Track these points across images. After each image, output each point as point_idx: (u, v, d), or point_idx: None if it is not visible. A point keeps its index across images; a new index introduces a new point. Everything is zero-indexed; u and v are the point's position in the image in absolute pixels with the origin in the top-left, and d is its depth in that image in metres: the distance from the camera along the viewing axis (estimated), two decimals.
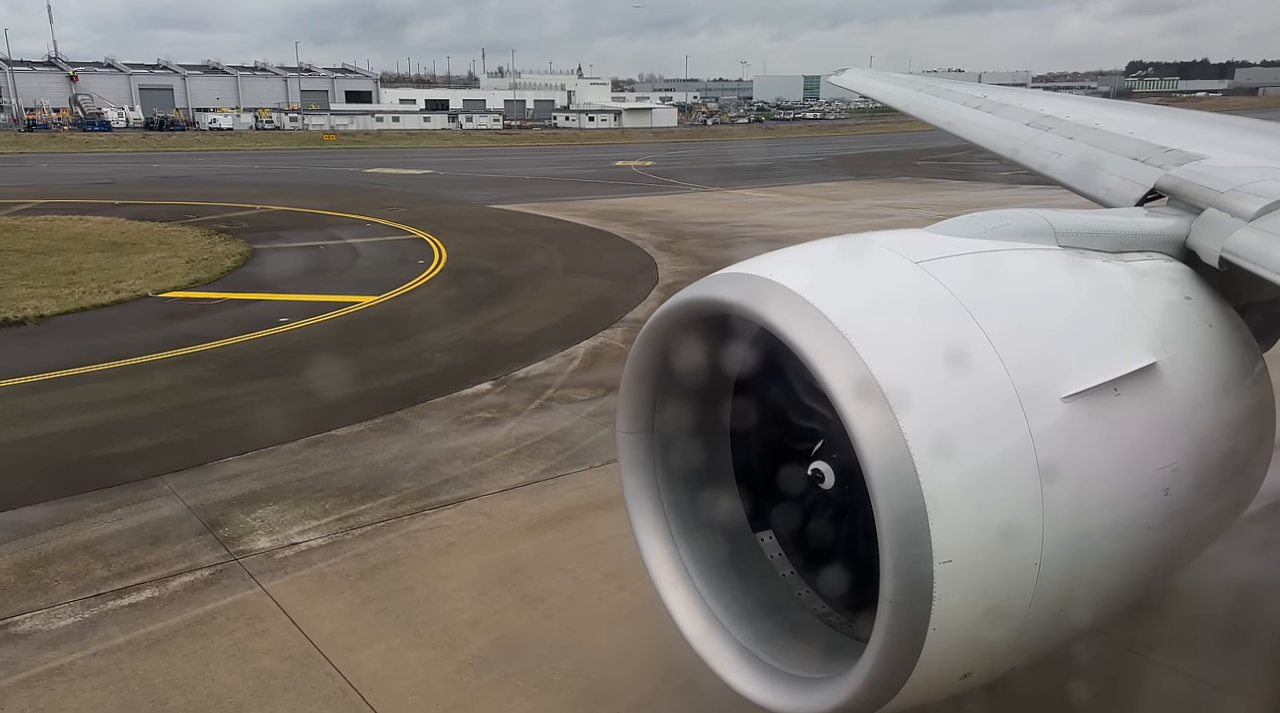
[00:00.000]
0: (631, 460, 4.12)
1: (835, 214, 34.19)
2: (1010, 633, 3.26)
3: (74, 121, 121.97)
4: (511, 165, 66.51)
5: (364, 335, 16.68)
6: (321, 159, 75.66)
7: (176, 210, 35.67)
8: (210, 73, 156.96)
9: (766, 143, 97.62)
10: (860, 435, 2.95)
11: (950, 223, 3.84)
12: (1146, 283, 3.85)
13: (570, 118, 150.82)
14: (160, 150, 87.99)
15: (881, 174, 53.32)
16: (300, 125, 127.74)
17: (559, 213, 35.12)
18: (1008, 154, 7.01)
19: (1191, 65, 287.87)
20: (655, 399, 4.01)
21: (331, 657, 6.72)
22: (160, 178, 55.21)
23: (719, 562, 4.13)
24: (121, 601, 7.55)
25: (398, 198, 41.79)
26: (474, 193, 44.68)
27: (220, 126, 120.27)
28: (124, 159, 75.01)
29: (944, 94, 9.07)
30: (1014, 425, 3.08)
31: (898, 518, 2.95)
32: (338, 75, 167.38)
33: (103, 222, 32.32)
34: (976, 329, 3.18)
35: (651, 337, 3.81)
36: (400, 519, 9.00)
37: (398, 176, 56.18)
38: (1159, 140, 5.43)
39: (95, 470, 10.29)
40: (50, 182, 52.08)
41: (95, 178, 54.17)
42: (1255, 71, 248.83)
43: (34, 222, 32.26)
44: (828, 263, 3.64)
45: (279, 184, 50.00)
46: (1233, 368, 3.85)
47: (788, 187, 46.03)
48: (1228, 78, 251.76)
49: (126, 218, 33.24)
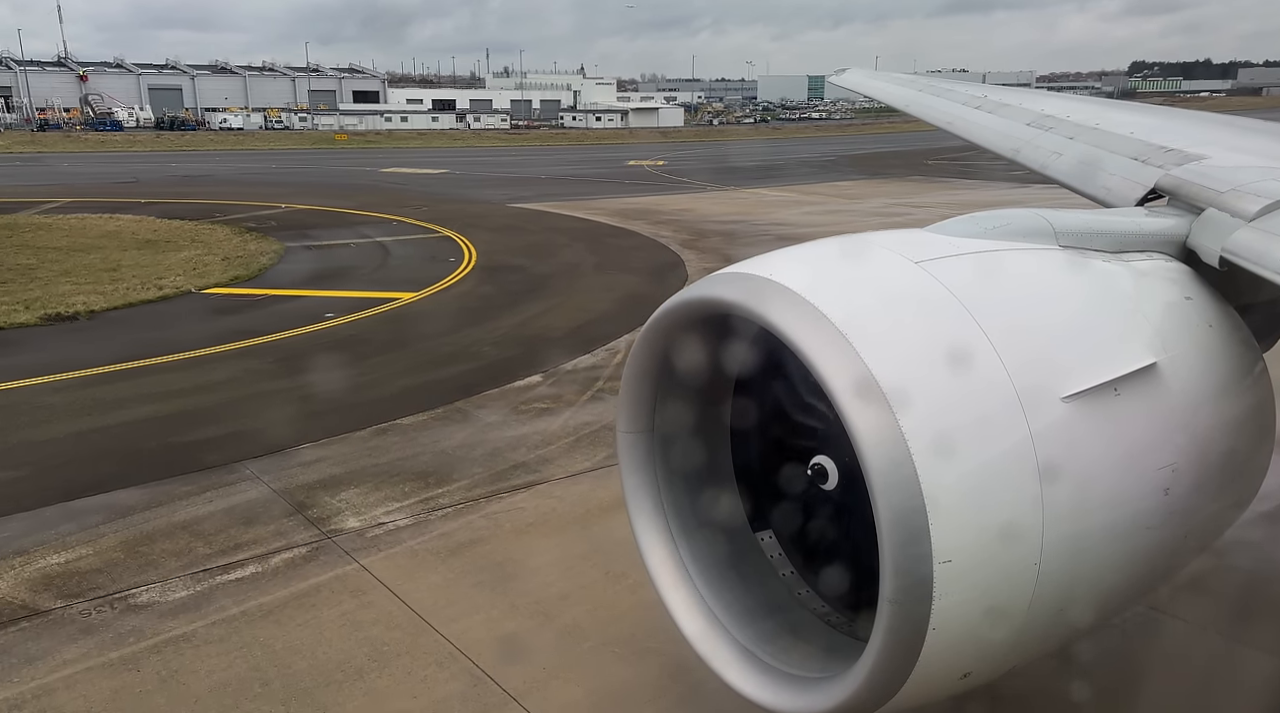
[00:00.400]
0: (632, 460, 4.12)
1: (852, 213, 34.52)
2: (1010, 633, 3.27)
3: (86, 121, 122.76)
4: (525, 165, 66.80)
5: (411, 330, 17.16)
6: (337, 159, 76.01)
7: (204, 209, 36.13)
8: (218, 73, 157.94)
9: (774, 143, 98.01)
10: (860, 435, 2.96)
11: (950, 223, 3.84)
12: (1147, 283, 3.86)
13: (577, 117, 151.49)
14: (176, 150, 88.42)
15: (894, 174, 53.67)
16: (310, 125, 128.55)
17: (580, 211, 35.53)
18: (1008, 154, 7.01)
19: (1194, 65, 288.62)
20: (655, 399, 4.01)
21: (437, 626, 7.15)
22: (181, 177, 55.62)
23: (719, 562, 4.13)
24: (228, 575, 7.99)
25: (419, 197, 42.18)
26: (493, 192, 45.08)
27: (231, 126, 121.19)
28: (142, 158, 75.44)
29: (944, 94, 9.05)
30: (1014, 425, 3.09)
31: (898, 518, 2.95)
32: (345, 75, 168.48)
33: (133, 220, 32.82)
34: (977, 329, 3.18)
35: (652, 336, 3.80)
36: (478, 502, 9.44)
37: (415, 176, 56.55)
38: (1159, 140, 5.43)
39: (176, 457, 10.76)
40: (73, 181, 52.42)
41: (118, 177, 54.61)
42: (1258, 72, 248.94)
43: (66, 220, 32.80)
44: (828, 263, 3.64)
45: (299, 183, 50.47)
46: (1233, 368, 3.85)
47: (802, 185, 46.46)
48: (1230, 78, 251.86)
49: (156, 216, 33.66)
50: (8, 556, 8.37)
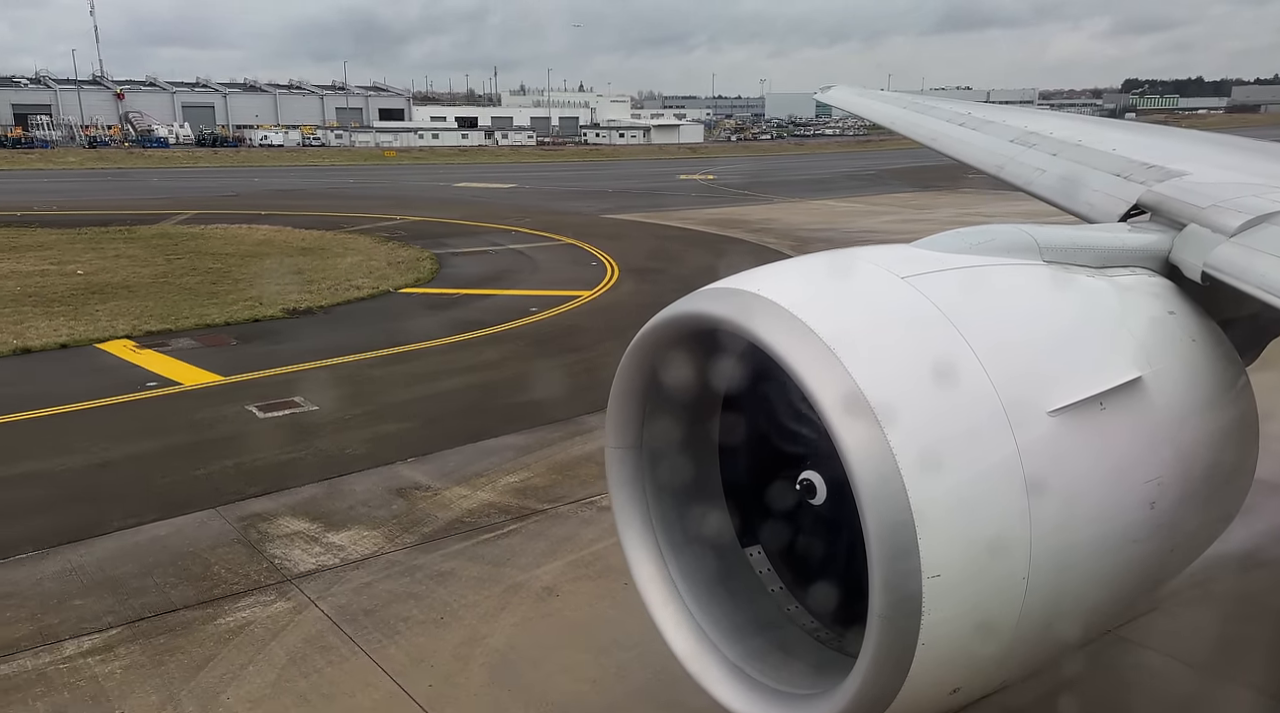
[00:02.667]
0: (620, 476, 4.12)
1: (929, 221, 35.83)
2: (999, 648, 3.28)
3: (131, 138, 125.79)
4: (582, 179, 68.39)
5: (617, 320, 18.28)
6: (401, 174, 77.60)
7: (327, 220, 37.65)
8: (249, 90, 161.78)
9: (803, 158, 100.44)
10: (849, 450, 2.97)
11: (936, 238, 3.88)
12: (1130, 298, 3.88)
13: (600, 134, 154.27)
14: (237, 165, 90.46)
15: (943, 186, 55.53)
16: (346, 142, 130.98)
17: (672, 221, 37.20)
18: (992, 171, 7.07)
19: (1187, 83, 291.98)
20: (644, 414, 4.01)
21: None
22: (275, 191, 57.05)
23: (708, 578, 4.13)
24: None
25: (510, 209, 43.84)
26: (575, 204, 46.86)
27: (271, 143, 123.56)
28: (215, 174, 77.01)
29: (929, 111, 9.10)
30: (1001, 440, 3.10)
31: (886, 533, 2.96)
32: (371, 93, 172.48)
33: (273, 230, 34.31)
34: (963, 344, 3.20)
35: (640, 351, 3.80)
36: None
37: (489, 190, 58.20)
38: (1141, 157, 5.48)
39: (525, 413, 12.93)
40: (177, 195, 53.73)
41: (215, 191, 56.17)
42: (1251, 89, 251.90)
43: (211, 230, 34.48)
44: (815, 278, 3.67)
45: (389, 197, 52.12)
46: (1216, 382, 3.87)
47: (862, 197, 48.71)
48: (1223, 95, 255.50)
49: (287, 227, 35.01)
50: (470, 478, 10.76)
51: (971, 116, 8.18)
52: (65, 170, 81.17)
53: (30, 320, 19.12)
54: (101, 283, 23.56)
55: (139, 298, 21.63)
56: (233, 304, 20.70)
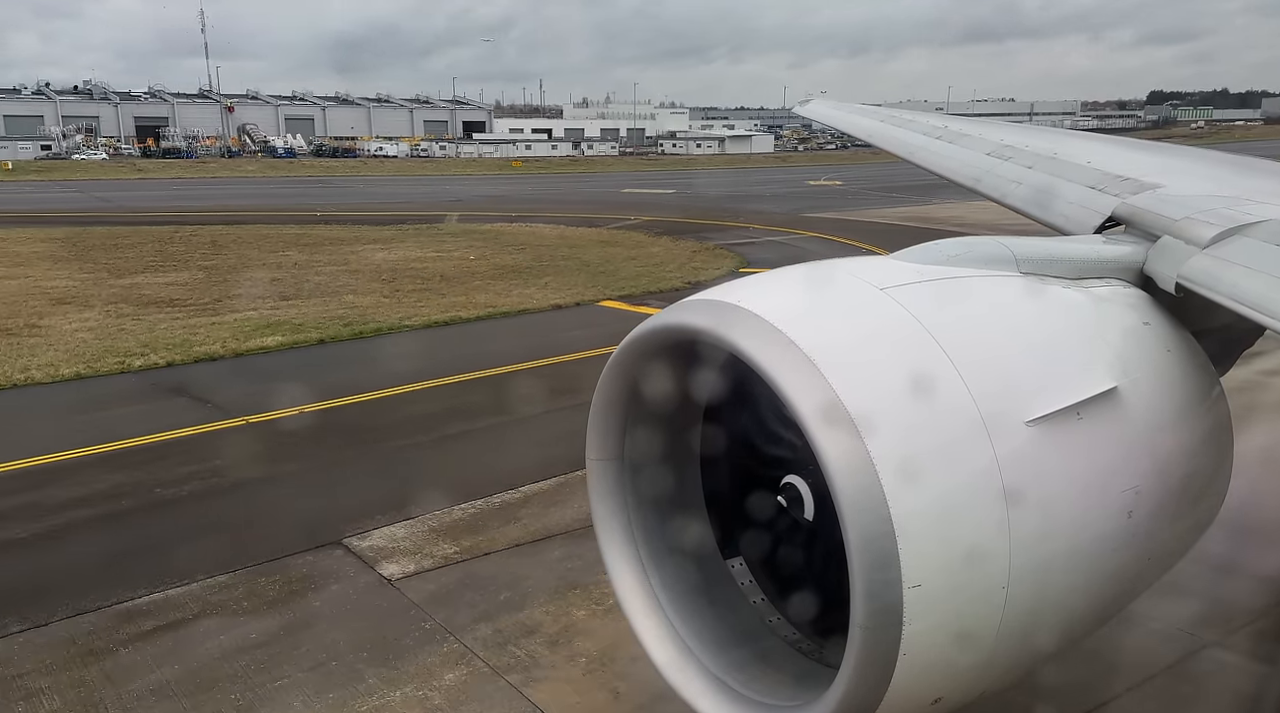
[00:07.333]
0: (601, 487, 4.11)
1: None
2: (979, 657, 3.30)
3: (251, 149, 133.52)
4: (725, 185, 68.24)
5: None
6: (555, 182, 77.87)
7: (570, 220, 38.75)
8: (343, 103, 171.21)
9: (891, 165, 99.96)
10: (829, 461, 2.98)
11: (914, 250, 3.90)
12: (1106, 308, 3.92)
13: (677, 144, 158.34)
14: (396, 174, 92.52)
15: None
16: (450, 153, 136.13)
17: (874, 218, 37.60)
18: (969, 184, 7.11)
19: (1213, 95, 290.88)
20: (625, 426, 4.00)
21: None
22: (488, 197, 57.55)
23: (690, 589, 4.13)
24: None
25: (712, 211, 44.11)
26: (759, 206, 47.00)
27: (386, 154, 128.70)
28: (395, 182, 77.20)
29: (906, 125, 9.16)
30: (979, 450, 3.13)
31: (867, 543, 2.98)
32: (455, 107, 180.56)
33: (551, 227, 35.63)
34: (941, 355, 3.23)
35: (620, 363, 3.79)
36: None
37: (657, 195, 58.35)
38: (1115, 169, 5.52)
39: None
40: (392, 200, 54.13)
41: (430, 197, 57.07)
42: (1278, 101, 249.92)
43: (497, 227, 35.71)
44: (795, 290, 3.68)
45: (584, 202, 52.72)
46: (1191, 392, 3.91)
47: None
48: (1250, 107, 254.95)
49: (555, 226, 35.82)
50: None
51: (948, 130, 8.31)
52: (257, 178, 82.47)
53: (498, 292, 20.92)
54: (503, 266, 25.45)
55: (559, 275, 23.85)
56: (634, 280, 23.04)
